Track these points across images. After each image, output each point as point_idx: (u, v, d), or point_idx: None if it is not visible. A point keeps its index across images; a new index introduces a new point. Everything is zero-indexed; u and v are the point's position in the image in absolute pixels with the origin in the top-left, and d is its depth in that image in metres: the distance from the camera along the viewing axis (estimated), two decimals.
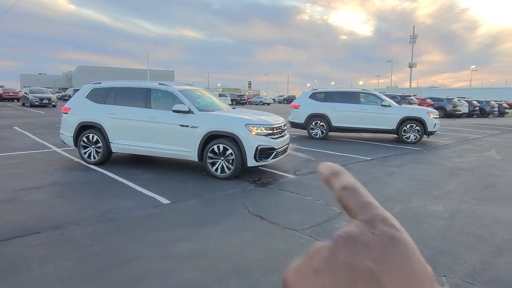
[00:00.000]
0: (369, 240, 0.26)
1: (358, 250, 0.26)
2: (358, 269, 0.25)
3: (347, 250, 0.26)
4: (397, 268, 0.25)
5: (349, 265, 0.26)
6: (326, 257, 0.27)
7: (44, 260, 3.25)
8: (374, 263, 0.25)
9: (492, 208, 5.00)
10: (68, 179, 6.08)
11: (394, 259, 0.25)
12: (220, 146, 6.24)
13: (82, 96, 7.53)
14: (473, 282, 2.99)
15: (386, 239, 0.26)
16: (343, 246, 0.27)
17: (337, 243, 0.27)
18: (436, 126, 11.50)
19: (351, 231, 0.28)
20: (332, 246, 0.28)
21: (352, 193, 0.30)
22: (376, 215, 0.28)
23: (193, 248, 3.58)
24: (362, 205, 0.29)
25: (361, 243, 0.26)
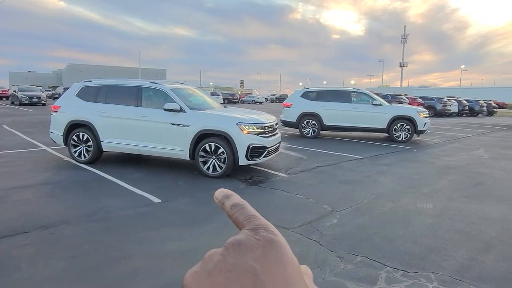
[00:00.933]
0: (253, 244, 0.31)
1: (244, 253, 0.31)
2: (244, 268, 0.30)
3: (235, 253, 0.31)
4: (274, 265, 0.30)
5: (236, 265, 0.30)
6: (218, 261, 0.31)
7: (33, 259, 3.22)
8: (256, 262, 0.30)
9: (480, 205, 5.08)
10: (58, 178, 6.02)
11: (272, 258, 0.30)
12: (212, 144, 6.23)
13: (72, 95, 7.46)
14: (461, 279, 3.04)
15: (266, 242, 0.31)
16: (232, 251, 0.31)
17: (227, 248, 0.32)
18: (426, 125, 11.63)
19: (238, 238, 0.32)
20: (223, 251, 0.32)
21: (241, 209, 0.35)
22: (259, 225, 0.33)
23: (184, 246, 3.57)
24: (248, 217, 0.34)
25: (246, 246, 0.31)
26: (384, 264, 3.26)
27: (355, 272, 3.12)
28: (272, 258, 0.30)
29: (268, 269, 0.30)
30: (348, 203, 5.02)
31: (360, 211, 4.74)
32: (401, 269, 3.18)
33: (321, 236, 3.85)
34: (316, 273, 3.09)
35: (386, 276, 3.06)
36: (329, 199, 5.19)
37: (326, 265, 3.23)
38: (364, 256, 3.40)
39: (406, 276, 3.06)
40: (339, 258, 3.37)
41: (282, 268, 0.30)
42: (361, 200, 5.17)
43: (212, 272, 0.31)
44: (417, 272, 3.13)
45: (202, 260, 0.33)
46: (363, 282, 2.96)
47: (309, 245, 3.64)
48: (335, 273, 3.10)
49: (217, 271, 0.31)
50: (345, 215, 4.54)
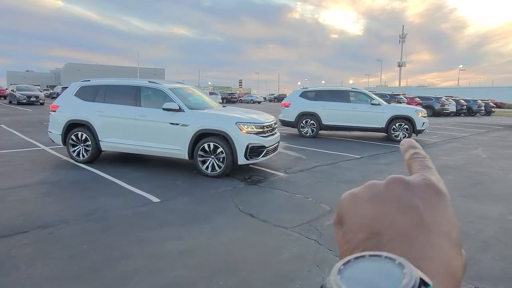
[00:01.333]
0: (422, 186, 0.31)
1: (410, 191, 0.31)
2: (410, 203, 0.30)
3: (402, 189, 0.31)
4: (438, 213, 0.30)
5: (402, 199, 0.30)
6: (381, 191, 0.32)
7: (32, 259, 3.22)
8: (421, 202, 0.30)
9: (478, 205, 5.10)
10: (57, 178, 6.01)
11: (437, 206, 0.30)
12: (211, 144, 6.23)
13: (70, 94, 7.44)
14: None
15: (435, 190, 0.31)
16: (398, 186, 0.32)
17: (393, 181, 0.32)
18: (425, 124, 11.65)
19: (407, 178, 0.33)
20: (387, 183, 0.32)
21: (422, 159, 0.36)
22: (432, 174, 0.34)
23: (183, 246, 3.58)
24: (424, 167, 0.35)
25: (413, 187, 0.31)
26: None
27: None
28: (437, 205, 0.30)
29: (432, 212, 0.30)
30: None
31: None
32: None
33: (320, 236, 3.85)
34: (315, 272, 3.10)
35: None
36: (328, 198, 5.20)
37: (325, 264, 3.23)
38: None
39: None
40: (338, 257, 3.36)
41: (445, 218, 0.30)
42: None
43: (375, 198, 0.31)
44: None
45: (364, 186, 0.33)
46: None
47: (308, 245, 3.65)
48: None
49: (379, 199, 0.31)
50: None
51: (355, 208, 0.32)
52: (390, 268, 0.24)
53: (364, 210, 0.31)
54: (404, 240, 0.28)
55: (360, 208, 0.32)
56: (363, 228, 0.30)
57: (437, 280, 0.26)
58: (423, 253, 0.28)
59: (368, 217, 0.31)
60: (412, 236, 0.28)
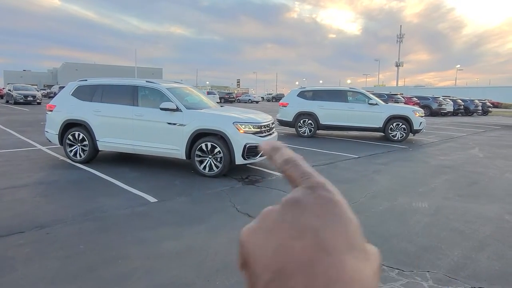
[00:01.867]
0: (311, 202, 0.30)
1: (303, 211, 0.30)
2: (305, 226, 0.29)
3: (294, 211, 0.30)
4: (335, 223, 0.29)
5: (296, 223, 0.29)
6: (277, 218, 0.30)
7: (28, 259, 3.21)
8: (316, 220, 0.29)
9: (475, 204, 5.12)
10: (54, 178, 5.99)
11: (332, 216, 0.29)
12: (208, 144, 6.22)
13: (67, 94, 7.42)
14: (455, 277, 3.06)
15: (324, 201, 0.30)
16: (290, 209, 0.30)
17: (285, 206, 0.31)
18: (422, 124, 11.68)
19: (296, 195, 0.31)
20: (280, 209, 0.31)
21: (294, 165, 0.34)
22: (316, 183, 0.32)
23: (180, 246, 3.57)
24: (303, 174, 0.33)
25: (305, 205, 0.30)
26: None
27: None
28: (332, 216, 0.29)
29: (329, 227, 0.29)
30: None
31: (356, 210, 4.75)
32: (397, 268, 3.19)
33: None
34: None
35: (382, 275, 3.08)
36: None
37: None
38: None
39: (402, 275, 3.08)
40: None
41: (343, 226, 0.29)
42: (357, 199, 5.19)
43: (270, 229, 0.30)
44: (413, 271, 3.15)
45: (259, 217, 0.32)
46: None
47: None
48: None
49: (276, 228, 0.30)
50: None
51: (254, 246, 0.30)
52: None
53: (263, 245, 0.29)
54: (307, 271, 0.27)
55: (258, 245, 0.30)
56: (265, 267, 0.28)
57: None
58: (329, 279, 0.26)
59: (268, 253, 0.29)
60: (314, 263, 0.27)
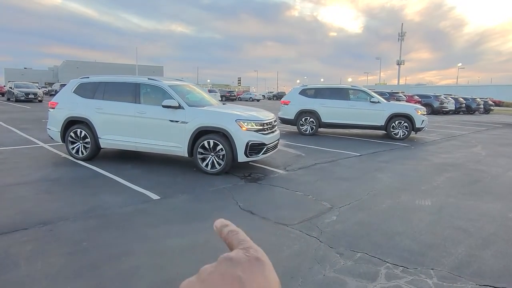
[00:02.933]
0: (242, 258, 0.37)
1: (234, 265, 0.36)
2: (232, 276, 0.35)
3: (226, 265, 0.36)
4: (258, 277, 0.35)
5: (226, 274, 0.35)
6: (211, 271, 0.36)
7: (32, 256, 3.20)
8: (243, 272, 0.35)
9: (478, 202, 5.10)
10: (56, 175, 5.99)
11: (257, 271, 0.36)
12: (210, 141, 6.21)
13: (69, 91, 7.41)
14: (460, 275, 3.05)
15: (253, 258, 0.37)
16: (224, 263, 0.37)
17: (220, 262, 0.37)
18: (424, 122, 11.66)
19: (231, 254, 0.38)
20: (216, 264, 0.37)
21: (236, 234, 0.42)
22: (250, 246, 0.39)
23: (183, 243, 3.57)
24: (241, 241, 0.41)
25: (236, 260, 0.37)
26: (384, 260, 3.27)
27: (355, 268, 3.12)
28: (257, 271, 0.36)
29: (252, 279, 0.35)
30: (347, 200, 5.03)
31: (359, 207, 4.75)
32: (401, 265, 3.18)
33: (321, 233, 3.85)
34: (316, 269, 3.10)
35: (386, 272, 3.07)
36: (328, 196, 5.20)
37: (326, 261, 3.23)
38: (364, 253, 3.41)
39: (406, 272, 3.07)
40: (338, 255, 3.37)
41: (265, 281, 0.36)
42: (360, 197, 5.18)
43: (204, 280, 0.36)
44: (417, 268, 3.14)
45: (198, 272, 0.38)
46: (363, 278, 2.96)
47: (308, 242, 3.64)
48: (335, 269, 3.10)
49: (209, 279, 0.36)
50: (344, 212, 4.54)
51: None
52: None
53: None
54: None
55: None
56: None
57: None
58: None
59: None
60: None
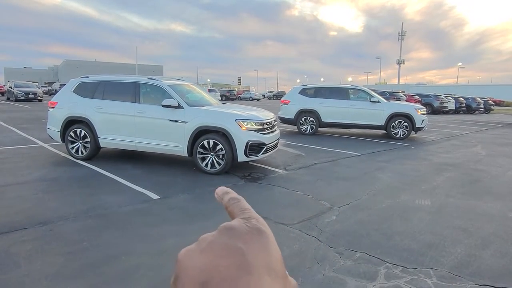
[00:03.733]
0: (243, 229, 0.35)
1: (235, 236, 0.34)
2: (234, 248, 0.33)
3: (227, 235, 0.35)
4: (260, 250, 0.34)
5: (227, 245, 0.34)
6: (211, 241, 0.35)
7: (31, 256, 3.21)
8: (244, 244, 0.33)
9: (477, 202, 5.10)
10: (56, 175, 5.99)
11: (259, 243, 0.34)
12: (210, 141, 6.21)
13: (69, 91, 7.40)
14: (459, 274, 3.06)
15: (255, 230, 0.35)
16: (224, 233, 0.35)
17: (220, 231, 0.35)
18: (424, 122, 11.65)
19: (231, 223, 0.36)
20: (216, 233, 0.36)
21: (237, 202, 0.40)
22: (251, 216, 0.37)
23: (183, 243, 3.50)
24: (242, 210, 0.39)
25: (237, 231, 0.35)
26: (384, 260, 3.27)
27: (354, 268, 3.13)
28: (258, 243, 0.34)
29: (254, 252, 0.33)
30: (346, 199, 5.03)
31: (359, 207, 4.75)
32: (400, 265, 3.19)
33: (320, 233, 3.85)
34: (315, 269, 3.10)
35: (386, 272, 3.07)
36: (328, 195, 5.20)
37: (326, 261, 3.23)
38: (364, 252, 3.41)
39: (406, 272, 3.07)
40: (338, 254, 3.37)
41: (267, 254, 0.34)
42: (360, 197, 5.18)
43: (204, 250, 0.34)
44: (416, 268, 3.14)
45: (197, 240, 0.36)
46: (363, 278, 2.97)
47: (308, 241, 3.64)
48: (335, 269, 3.10)
49: (208, 249, 0.34)
50: (344, 212, 4.54)
51: (187, 263, 0.34)
52: None
53: (195, 263, 0.33)
54: (229, 284, 0.31)
55: (191, 263, 0.34)
56: (192, 280, 0.32)
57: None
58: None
59: (197, 269, 0.33)
60: (236, 278, 0.31)
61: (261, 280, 0.32)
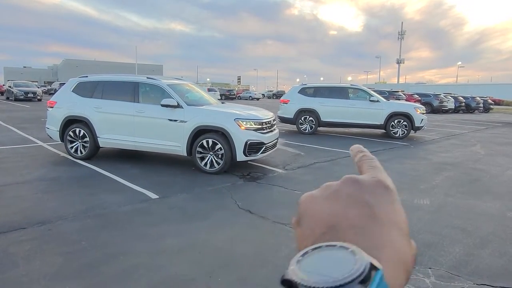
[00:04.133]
0: (371, 184, 0.35)
1: (361, 188, 0.34)
2: (361, 199, 0.33)
3: (353, 187, 0.35)
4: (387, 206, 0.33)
5: (354, 196, 0.34)
6: (336, 189, 0.35)
7: (30, 256, 3.21)
8: (372, 198, 0.33)
9: (476, 201, 5.10)
10: (55, 174, 5.98)
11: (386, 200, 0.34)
12: (209, 140, 6.21)
13: (68, 90, 7.40)
14: (458, 274, 3.06)
15: (383, 186, 0.35)
16: (350, 184, 0.35)
17: (345, 181, 0.36)
18: (423, 121, 11.65)
19: (358, 177, 0.36)
20: (341, 183, 0.36)
21: (370, 160, 0.41)
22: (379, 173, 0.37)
23: (182, 242, 3.57)
24: (372, 167, 0.39)
25: (364, 184, 0.35)
26: None
27: None
28: (385, 199, 0.34)
29: (381, 206, 0.33)
30: None
31: None
32: None
33: None
34: None
35: None
36: None
37: None
38: None
39: None
40: None
41: (393, 210, 0.33)
42: None
43: (329, 197, 0.35)
44: (415, 268, 3.13)
45: (320, 188, 0.37)
46: None
47: None
48: None
49: (334, 197, 0.34)
50: None
51: (313, 207, 0.35)
52: (343, 255, 0.26)
53: (320, 207, 0.34)
54: (357, 231, 0.31)
55: (317, 207, 0.34)
56: (320, 223, 0.33)
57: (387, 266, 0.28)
58: (374, 242, 0.30)
59: (324, 213, 0.33)
60: (364, 227, 0.31)
61: (390, 232, 0.31)
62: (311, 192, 0.37)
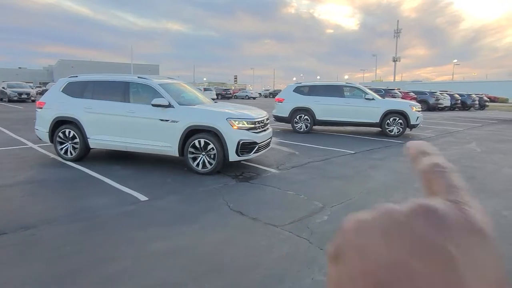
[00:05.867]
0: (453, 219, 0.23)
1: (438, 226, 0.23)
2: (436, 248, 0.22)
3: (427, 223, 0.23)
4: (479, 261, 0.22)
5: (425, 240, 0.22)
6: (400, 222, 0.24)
7: (12, 262, 3.10)
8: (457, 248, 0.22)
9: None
10: (43, 176, 5.86)
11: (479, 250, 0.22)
12: (201, 140, 6.10)
13: (57, 90, 7.27)
14: None
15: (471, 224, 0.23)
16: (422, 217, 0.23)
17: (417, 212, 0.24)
18: (419, 119, 11.59)
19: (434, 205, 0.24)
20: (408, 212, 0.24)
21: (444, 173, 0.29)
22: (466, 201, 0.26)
23: (170, 246, 3.46)
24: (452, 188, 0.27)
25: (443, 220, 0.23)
26: None
27: None
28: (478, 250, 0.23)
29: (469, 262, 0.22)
30: (339, 199, 4.94)
31: (352, 207, 4.66)
32: None
33: (311, 234, 3.76)
34: (305, 273, 3.01)
35: None
36: (320, 195, 5.11)
37: (315, 264, 3.14)
38: None
39: None
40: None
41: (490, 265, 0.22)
42: (353, 196, 5.10)
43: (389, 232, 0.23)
44: None
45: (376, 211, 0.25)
46: None
47: (298, 243, 3.55)
48: (325, 272, 3.01)
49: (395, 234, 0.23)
50: (336, 212, 4.45)
51: (361, 244, 0.24)
52: None
53: (372, 249, 0.23)
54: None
55: (368, 246, 0.24)
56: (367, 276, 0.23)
57: None
58: None
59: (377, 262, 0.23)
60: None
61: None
62: (362, 218, 0.25)
